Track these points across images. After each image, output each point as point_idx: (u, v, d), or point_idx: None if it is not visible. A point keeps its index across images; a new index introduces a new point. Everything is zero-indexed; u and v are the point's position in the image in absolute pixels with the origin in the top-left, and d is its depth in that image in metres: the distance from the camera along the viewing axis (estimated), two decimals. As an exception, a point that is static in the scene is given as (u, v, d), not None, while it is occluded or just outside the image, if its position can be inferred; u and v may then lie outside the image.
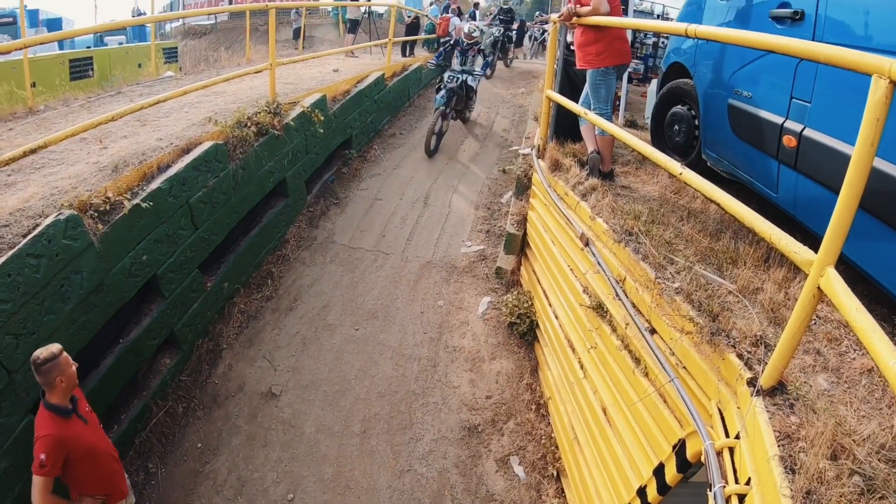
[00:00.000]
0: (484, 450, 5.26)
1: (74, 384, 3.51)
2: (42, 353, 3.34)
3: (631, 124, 8.18)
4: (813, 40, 3.36)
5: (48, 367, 3.32)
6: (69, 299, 4.25)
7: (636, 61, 11.71)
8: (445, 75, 10.26)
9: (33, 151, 4.47)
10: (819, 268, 2.04)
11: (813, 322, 2.97)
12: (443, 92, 9.97)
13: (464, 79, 10.25)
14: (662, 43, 11.29)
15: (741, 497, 2.27)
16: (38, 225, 4.06)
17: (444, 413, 5.54)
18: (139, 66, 15.40)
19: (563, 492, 4.92)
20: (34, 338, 3.92)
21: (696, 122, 5.02)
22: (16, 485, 3.80)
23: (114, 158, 5.15)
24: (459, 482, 5.02)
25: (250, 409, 5.62)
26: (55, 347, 3.38)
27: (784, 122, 3.55)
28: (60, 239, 4.11)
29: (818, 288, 2.05)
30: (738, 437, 2.46)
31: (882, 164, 2.72)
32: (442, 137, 10.52)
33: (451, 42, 11.26)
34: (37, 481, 3.27)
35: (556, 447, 5.17)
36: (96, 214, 4.51)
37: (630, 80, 11.25)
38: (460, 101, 10.74)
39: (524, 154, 8.23)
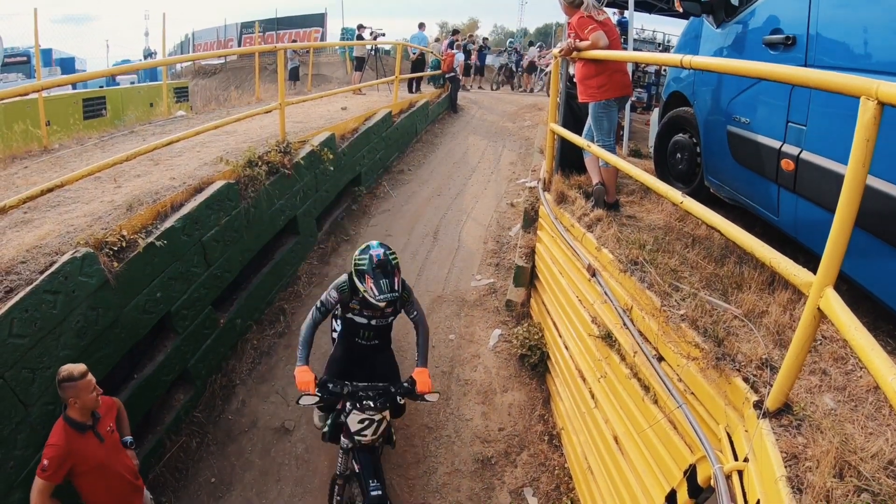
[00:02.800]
0: (497, 482, 5.24)
1: (91, 407, 3.58)
2: (64, 371, 3.43)
3: (635, 153, 8.27)
4: (805, 64, 3.44)
5: (64, 386, 3.42)
6: (85, 335, 4.31)
7: (639, 90, 11.86)
8: (349, 418, 4.36)
9: (50, 191, 4.58)
10: (818, 289, 2.06)
11: (818, 342, 3.00)
12: (346, 462, 4.62)
13: (384, 410, 4.44)
14: (664, 71, 11.44)
15: (751, 519, 2.28)
16: (54, 262, 4.14)
17: (458, 446, 5.53)
18: (151, 105, 15.72)
19: (577, 523, 4.89)
20: (50, 373, 3.96)
21: (698, 150, 5.09)
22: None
23: (128, 197, 5.26)
24: (473, 515, 5.00)
25: (263, 444, 5.63)
26: (77, 370, 3.45)
27: (781, 146, 3.62)
28: (77, 276, 4.20)
29: (818, 309, 2.07)
30: (746, 459, 2.46)
31: (878, 183, 2.77)
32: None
33: (338, 305, 4.65)
34: (36, 483, 3.38)
35: (570, 477, 5.14)
36: (112, 252, 4.59)
37: (633, 109, 11.39)
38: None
39: (531, 187, 8.31)
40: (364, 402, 4.29)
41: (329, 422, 4.68)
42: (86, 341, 4.33)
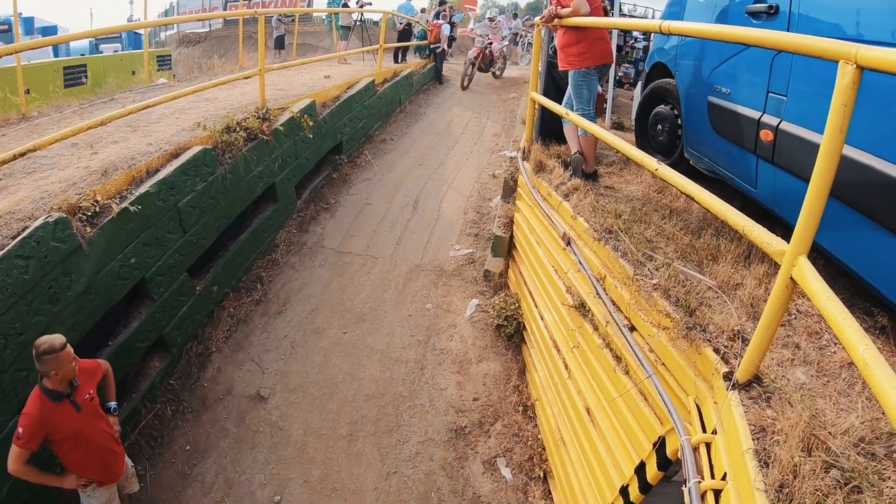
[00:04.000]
0: (471, 451, 5.26)
1: (69, 378, 3.57)
2: (43, 343, 3.39)
3: (618, 126, 8.22)
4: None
5: (46, 358, 3.39)
6: (58, 301, 4.26)
7: (626, 66, 11.77)
8: None
9: (23, 155, 4.48)
10: (791, 258, 2.04)
11: (793, 316, 2.99)
12: None
13: None
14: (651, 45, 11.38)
15: (717, 492, 2.27)
16: (27, 227, 4.08)
17: (431, 415, 5.55)
18: (133, 73, 15.46)
19: (549, 493, 4.91)
20: (22, 338, 3.93)
21: (679, 122, 5.06)
22: (4, 484, 3.81)
23: (104, 163, 5.16)
24: (446, 484, 5.02)
25: (238, 411, 5.62)
26: (57, 341, 3.42)
27: (761, 116, 3.59)
28: (49, 241, 4.13)
29: (791, 278, 2.05)
30: (714, 431, 2.46)
31: (856, 154, 2.75)
32: None
33: None
34: (12, 450, 3.42)
35: (543, 448, 5.17)
36: (85, 217, 4.53)
37: (621, 85, 11.32)
38: None
39: (511, 157, 8.27)
40: None
41: None
42: (59, 307, 4.28)
